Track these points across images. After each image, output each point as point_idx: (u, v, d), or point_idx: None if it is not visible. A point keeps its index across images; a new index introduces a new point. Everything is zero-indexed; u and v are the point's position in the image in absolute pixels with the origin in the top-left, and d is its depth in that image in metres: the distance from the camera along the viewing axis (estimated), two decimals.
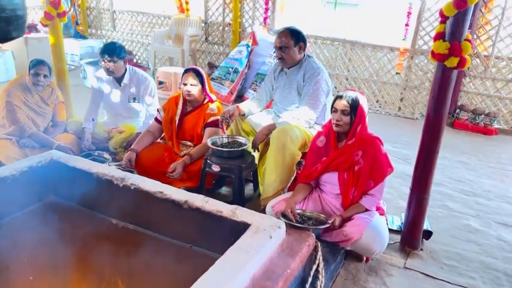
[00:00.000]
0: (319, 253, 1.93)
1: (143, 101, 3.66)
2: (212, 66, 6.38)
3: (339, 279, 2.29)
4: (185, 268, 1.89)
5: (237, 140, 3.02)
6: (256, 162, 3.08)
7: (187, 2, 6.80)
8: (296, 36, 2.93)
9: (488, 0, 5.01)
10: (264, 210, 2.63)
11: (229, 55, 6.09)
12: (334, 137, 2.48)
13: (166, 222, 2.09)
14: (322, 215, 2.40)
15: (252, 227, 1.79)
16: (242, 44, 6.02)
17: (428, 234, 2.69)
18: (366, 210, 2.38)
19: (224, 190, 3.26)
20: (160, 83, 5.74)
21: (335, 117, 2.39)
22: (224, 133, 3.13)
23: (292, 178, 2.84)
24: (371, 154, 2.37)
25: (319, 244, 1.97)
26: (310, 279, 1.82)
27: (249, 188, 3.19)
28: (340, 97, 2.39)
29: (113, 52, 3.36)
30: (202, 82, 3.09)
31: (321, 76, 2.93)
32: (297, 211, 2.40)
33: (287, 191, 2.81)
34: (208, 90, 3.14)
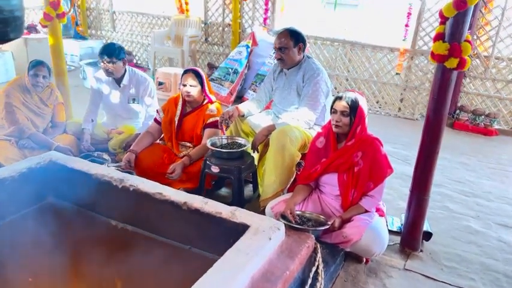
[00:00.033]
0: (318, 255, 1.93)
1: (143, 102, 3.65)
2: (212, 66, 6.38)
3: (339, 280, 2.28)
4: (184, 269, 1.88)
5: (237, 141, 3.01)
6: (255, 163, 3.07)
7: (187, 3, 6.80)
8: (295, 37, 2.93)
9: (488, 0, 5.00)
10: (264, 211, 2.62)
11: (229, 56, 6.09)
12: (333, 138, 2.47)
13: (165, 223, 2.08)
14: (321, 216, 2.40)
15: (251, 229, 1.79)
16: (242, 45, 6.01)
17: (428, 235, 2.68)
18: (366, 211, 2.37)
19: (223, 191, 3.25)
20: (160, 84, 5.73)
21: (334, 118, 2.39)
22: (223, 134, 3.12)
23: (291, 179, 2.83)
24: (371, 155, 2.36)
25: (318, 245, 1.97)
26: (309, 281, 1.82)
27: (249, 189, 3.18)
28: (339, 98, 2.39)
29: (112, 53, 3.35)
30: (201, 83, 3.09)
31: (321, 77, 2.93)
32: (297, 212, 2.40)
33: (286, 192, 2.81)
34: (207, 91, 3.14)
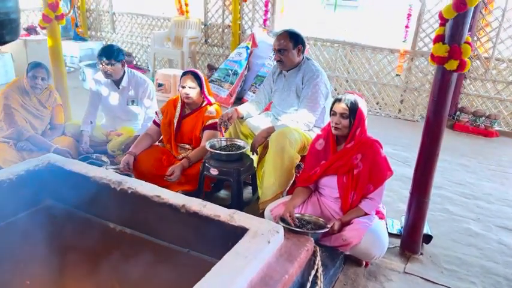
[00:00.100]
0: (317, 258, 1.91)
1: (142, 104, 3.64)
2: (212, 68, 6.37)
3: (338, 284, 2.26)
4: (182, 273, 1.87)
5: (236, 143, 3.00)
6: (254, 165, 3.06)
7: (186, 4, 6.80)
8: (295, 38, 2.92)
9: (488, 1, 4.99)
10: (263, 213, 2.61)
11: (228, 57, 6.08)
12: (333, 140, 2.46)
13: (163, 226, 2.07)
14: (321, 219, 2.39)
15: (250, 232, 1.78)
16: (242, 46, 6.00)
17: (428, 238, 2.67)
18: (366, 214, 2.36)
19: (223, 193, 3.24)
20: (159, 85, 5.72)
21: (334, 120, 2.38)
22: (223, 136, 3.11)
23: (291, 181, 2.82)
24: (370, 157, 2.35)
25: (318, 249, 1.95)
26: (308, 284, 1.80)
27: (248, 192, 3.17)
28: (339, 100, 2.38)
29: (111, 55, 3.35)
30: (200, 85, 3.08)
31: (320, 79, 2.92)
32: (296, 215, 2.39)
33: (286, 195, 2.80)
34: (206, 92, 3.13)
